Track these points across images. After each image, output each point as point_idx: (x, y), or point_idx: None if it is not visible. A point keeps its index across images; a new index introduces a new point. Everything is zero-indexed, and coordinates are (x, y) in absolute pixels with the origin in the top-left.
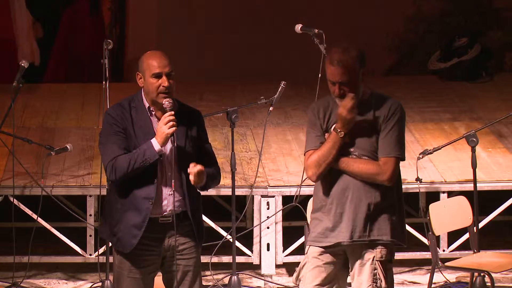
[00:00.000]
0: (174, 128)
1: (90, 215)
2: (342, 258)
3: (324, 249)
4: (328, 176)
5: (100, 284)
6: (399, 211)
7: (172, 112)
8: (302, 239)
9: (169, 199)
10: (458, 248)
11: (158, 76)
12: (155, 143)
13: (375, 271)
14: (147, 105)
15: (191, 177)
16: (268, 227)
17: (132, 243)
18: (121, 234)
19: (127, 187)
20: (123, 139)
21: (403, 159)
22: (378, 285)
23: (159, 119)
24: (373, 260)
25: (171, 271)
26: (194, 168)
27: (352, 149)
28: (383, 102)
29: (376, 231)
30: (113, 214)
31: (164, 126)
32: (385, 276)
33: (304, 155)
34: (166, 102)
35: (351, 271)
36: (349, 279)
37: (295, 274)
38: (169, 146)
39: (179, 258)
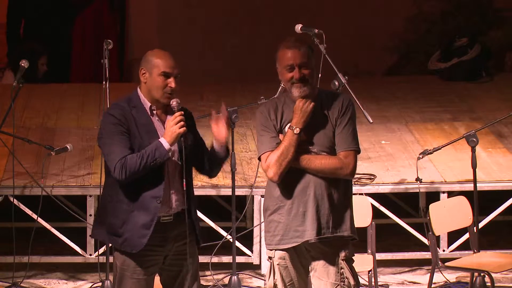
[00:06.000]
0: (184, 128)
1: (90, 215)
2: (305, 257)
3: (289, 251)
4: (286, 176)
5: (100, 284)
6: (352, 205)
7: (182, 112)
8: None
9: (173, 198)
10: (458, 248)
11: (167, 75)
12: (165, 142)
13: (342, 270)
14: (147, 104)
15: (223, 131)
16: None
17: (142, 242)
18: (128, 234)
19: (133, 187)
20: (127, 138)
21: (360, 152)
22: (346, 284)
23: (159, 118)
24: (337, 260)
25: (171, 270)
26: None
27: (310, 146)
28: (334, 97)
29: (338, 226)
30: (118, 214)
31: (174, 125)
32: (352, 274)
33: (259, 158)
34: (174, 103)
35: (311, 271)
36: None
37: (269, 282)
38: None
39: (181, 257)
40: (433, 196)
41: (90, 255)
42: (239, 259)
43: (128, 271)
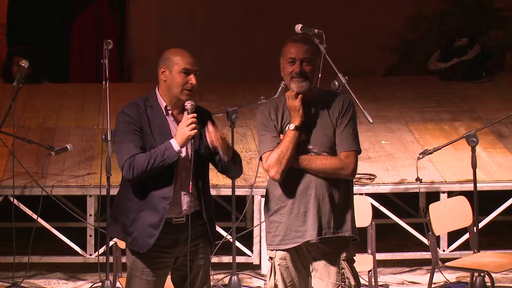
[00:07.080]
0: (195, 130)
1: (90, 215)
2: (306, 258)
3: (290, 251)
4: (287, 177)
5: (100, 284)
6: (353, 206)
7: (195, 114)
8: None
9: (184, 200)
10: (458, 248)
11: (187, 72)
12: (175, 144)
13: (343, 270)
14: (163, 104)
15: (214, 137)
16: None
17: (149, 242)
18: (137, 233)
19: (143, 187)
20: (139, 138)
21: (360, 152)
22: (347, 284)
23: (175, 118)
24: (338, 260)
25: (182, 270)
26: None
27: (311, 147)
28: (334, 97)
29: (339, 227)
30: (128, 213)
31: (186, 127)
32: (353, 274)
33: (261, 158)
34: (189, 105)
35: (312, 271)
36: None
37: (270, 282)
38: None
39: (191, 258)
40: (433, 196)
41: (90, 255)
42: (239, 259)
43: (137, 272)
